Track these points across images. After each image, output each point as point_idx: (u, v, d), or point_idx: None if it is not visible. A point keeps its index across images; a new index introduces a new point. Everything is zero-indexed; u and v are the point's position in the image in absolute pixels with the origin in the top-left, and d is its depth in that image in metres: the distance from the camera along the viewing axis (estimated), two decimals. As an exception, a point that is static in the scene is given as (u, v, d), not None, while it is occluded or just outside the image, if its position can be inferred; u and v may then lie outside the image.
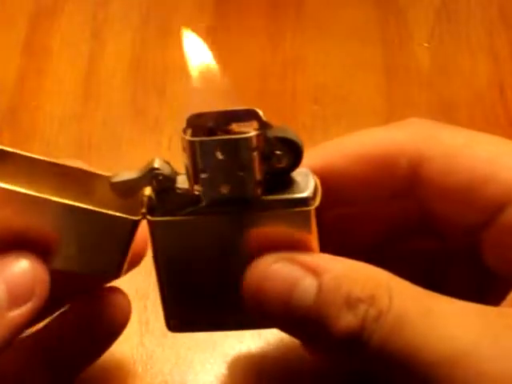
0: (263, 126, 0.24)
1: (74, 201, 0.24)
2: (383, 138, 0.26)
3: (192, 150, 0.23)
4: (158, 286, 0.27)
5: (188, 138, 0.23)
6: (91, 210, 0.24)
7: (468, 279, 0.28)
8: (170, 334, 0.28)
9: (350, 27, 0.47)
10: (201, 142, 0.23)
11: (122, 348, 0.33)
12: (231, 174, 0.24)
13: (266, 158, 0.24)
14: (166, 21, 0.48)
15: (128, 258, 0.26)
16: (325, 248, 0.25)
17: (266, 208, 0.24)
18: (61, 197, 0.24)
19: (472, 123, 0.42)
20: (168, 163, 0.25)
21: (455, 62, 0.46)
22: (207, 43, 0.26)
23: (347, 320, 0.22)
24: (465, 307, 0.23)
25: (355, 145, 0.27)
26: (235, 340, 0.33)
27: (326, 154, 0.27)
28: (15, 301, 0.23)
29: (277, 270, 0.24)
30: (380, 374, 0.23)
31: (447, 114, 0.43)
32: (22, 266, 0.23)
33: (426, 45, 0.46)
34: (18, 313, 0.23)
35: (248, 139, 0.23)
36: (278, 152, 0.24)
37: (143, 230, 0.25)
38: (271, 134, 0.24)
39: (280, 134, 0.24)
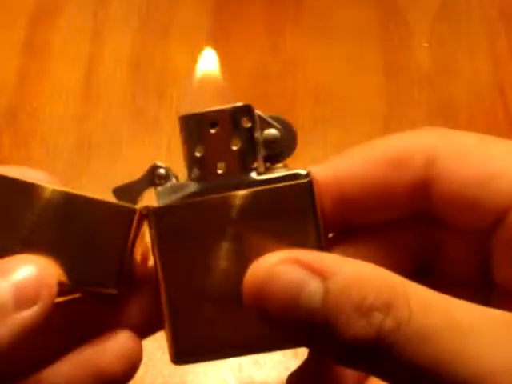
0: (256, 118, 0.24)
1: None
2: (398, 140, 0.26)
3: (186, 126, 0.24)
4: (163, 312, 0.25)
5: (182, 114, 0.24)
6: (88, 199, 0.24)
7: (471, 272, 0.28)
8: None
9: (349, 27, 0.47)
10: (193, 116, 0.24)
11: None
12: (227, 150, 0.24)
13: (263, 141, 0.24)
14: (166, 21, 0.48)
15: (129, 268, 0.25)
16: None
17: (263, 184, 0.24)
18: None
19: (472, 123, 0.42)
20: (168, 168, 0.25)
21: (455, 62, 0.46)
22: (207, 44, 0.26)
23: (359, 327, 0.21)
24: (488, 316, 0.22)
25: (371, 150, 0.26)
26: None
27: (343, 162, 0.26)
28: (21, 303, 0.23)
29: (281, 272, 0.23)
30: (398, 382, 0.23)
31: (447, 114, 0.43)
32: (28, 270, 0.24)
33: (425, 45, 0.46)
34: (24, 315, 0.23)
35: (242, 108, 0.24)
36: (273, 131, 0.24)
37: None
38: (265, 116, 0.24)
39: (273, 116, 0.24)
